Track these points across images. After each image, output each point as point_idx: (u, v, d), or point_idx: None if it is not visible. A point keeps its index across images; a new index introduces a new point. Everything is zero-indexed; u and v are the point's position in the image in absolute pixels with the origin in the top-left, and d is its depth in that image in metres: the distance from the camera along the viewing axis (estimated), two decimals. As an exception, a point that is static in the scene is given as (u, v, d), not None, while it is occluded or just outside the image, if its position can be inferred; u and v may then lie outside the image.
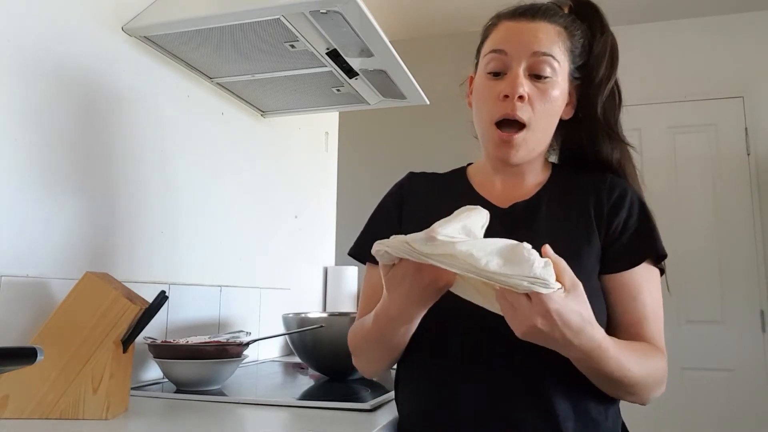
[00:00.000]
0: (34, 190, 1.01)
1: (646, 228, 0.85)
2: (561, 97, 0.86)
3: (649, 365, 0.77)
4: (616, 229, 0.84)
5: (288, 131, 1.95)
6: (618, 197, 0.86)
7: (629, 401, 0.80)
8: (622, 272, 0.82)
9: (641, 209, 0.86)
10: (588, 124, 0.91)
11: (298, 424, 0.87)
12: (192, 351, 1.09)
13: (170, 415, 0.92)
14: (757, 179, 2.54)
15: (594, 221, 0.85)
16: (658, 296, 0.84)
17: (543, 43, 0.83)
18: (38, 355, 0.61)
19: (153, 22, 1.21)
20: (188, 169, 1.42)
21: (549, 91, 0.83)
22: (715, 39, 2.66)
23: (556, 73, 0.84)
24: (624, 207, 0.85)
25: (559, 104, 0.86)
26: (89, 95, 1.13)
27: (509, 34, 0.86)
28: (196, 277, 1.44)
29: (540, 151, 0.89)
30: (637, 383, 0.75)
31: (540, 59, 0.83)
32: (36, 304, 0.98)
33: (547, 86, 0.83)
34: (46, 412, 0.83)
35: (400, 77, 1.49)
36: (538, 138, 0.86)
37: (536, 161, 0.91)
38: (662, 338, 0.82)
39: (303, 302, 2.02)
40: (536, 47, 0.83)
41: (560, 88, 0.85)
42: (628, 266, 0.82)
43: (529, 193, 0.89)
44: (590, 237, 0.83)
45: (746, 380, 2.45)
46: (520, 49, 0.83)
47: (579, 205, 0.86)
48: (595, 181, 0.88)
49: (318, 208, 2.23)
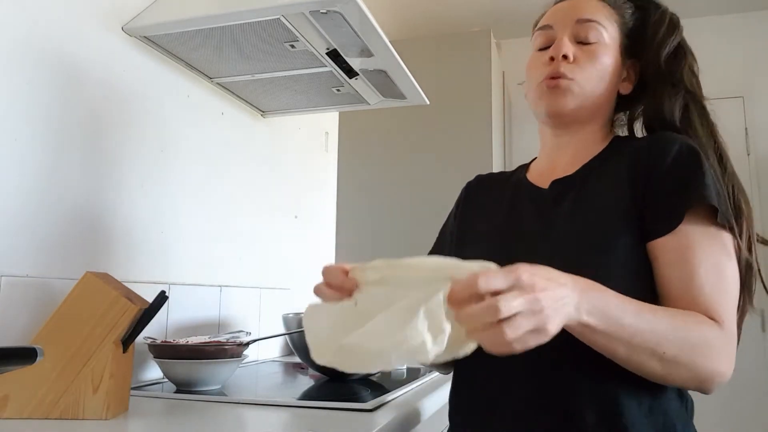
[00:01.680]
0: (34, 190, 1.01)
1: (690, 178, 0.73)
2: (612, 64, 0.84)
3: (684, 327, 0.66)
4: (654, 186, 0.74)
5: (288, 131, 1.95)
6: (659, 150, 0.76)
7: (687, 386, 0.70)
8: (666, 236, 0.72)
9: (687, 159, 0.74)
10: (653, 84, 0.86)
11: (298, 424, 0.87)
12: (192, 351, 1.09)
13: (170, 415, 0.92)
14: (757, 179, 2.54)
15: (630, 187, 0.76)
16: (722, 264, 0.71)
17: (586, 11, 0.84)
18: (38, 355, 0.61)
19: (153, 22, 1.21)
20: (188, 168, 1.42)
21: (596, 52, 0.83)
22: (715, 39, 2.66)
23: (602, 38, 0.83)
24: (663, 160, 0.75)
25: (609, 70, 0.84)
26: (89, 95, 1.13)
27: (554, 12, 0.88)
28: (196, 277, 1.43)
29: (591, 112, 0.85)
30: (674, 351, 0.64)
31: (584, 25, 0.83)
32: (36, 304, 0.98)
33: (593, 48, 0.83)
34: (46, 412, 0.83)
35: (400, 77, 1.49)
36: (586, 92, 0.83)
37: (588, 131, 0.87)
38: (725, 311, 0.69)
39: (303, 302, 2.02)
40: (579, 15, 0.84)
41: (609, 54, 0.84)
42: (668, 228, 0.72)
43: (575, 169, 0.85)
44: (622, 209, 0.75)
45: (746, 380, 2.45)
46: (564, 19, 0.85)
47: (620, 175, 0.79)
48: (645, 141, 0.81)
49: (318, 208, 2.23)
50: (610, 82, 0.85)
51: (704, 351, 0.66)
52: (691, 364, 0.66)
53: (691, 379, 0.67)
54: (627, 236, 0.74)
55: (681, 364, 0.66)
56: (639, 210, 0.75)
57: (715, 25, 2.67)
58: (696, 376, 0.67)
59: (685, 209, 0.71)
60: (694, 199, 0.71)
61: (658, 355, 0.65)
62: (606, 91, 0.85)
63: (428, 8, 2.49)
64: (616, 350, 0.65)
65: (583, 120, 0.86)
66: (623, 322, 0.63)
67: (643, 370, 0.67)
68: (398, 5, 2.46)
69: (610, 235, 0.74)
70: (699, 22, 2.69)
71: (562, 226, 0.79)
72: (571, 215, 0.79)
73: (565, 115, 0.85)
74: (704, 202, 0.71)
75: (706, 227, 0.72)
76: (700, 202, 0.71)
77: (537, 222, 0.83)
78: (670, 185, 0.74)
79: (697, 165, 0.74)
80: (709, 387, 0.68)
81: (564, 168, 0.87)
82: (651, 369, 0.66)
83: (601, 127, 0.89)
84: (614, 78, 0.86)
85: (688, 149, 0.76)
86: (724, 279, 0.71)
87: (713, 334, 0.67)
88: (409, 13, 2.51)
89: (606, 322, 0.62)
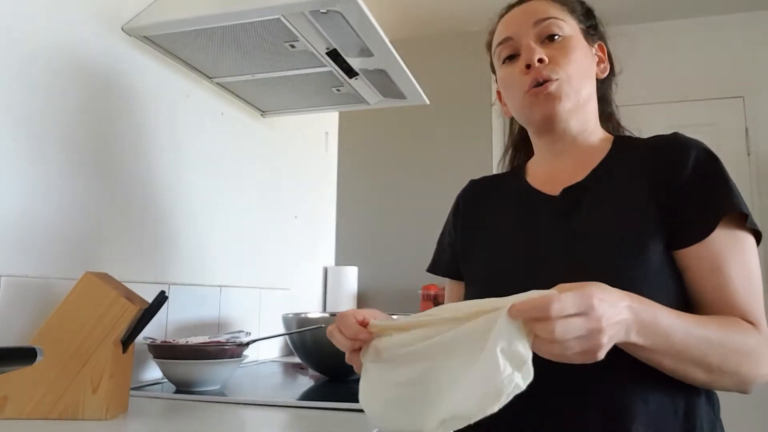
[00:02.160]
0: (34, 190, 1.01)
1: (715, 186, 0.73)
2: (584, 53, 0.85)
3: (728, 337, 0.67)
4: (679, 194, 0.74)
5: (288, 131, 1.95)
6: (677, 157, 0.76)
7: (728, 389, 0.71)
8: (697, 244, 0.72)
9: (708, 165, 0.75)
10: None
11: (298, 424, 0.87)
12: (192, 351, 1.09)
13: (170, 415, 0.92)
14: (757, 179, 2.54)
15: (650, 193, 0.76)
16: (751, 267, 0.72)
17: (540, 12, 0.85)
18: (38, 356, 0.60)
19: (153, 22, 1.21)
20: (188, 169, 1.42)
21: (566, 45, 0.83)
22: (715, 39, 2.65)
23: (565, 30, 0.84)
24: (685, 166, 0.75)
25: (585, 61, 0.85)
26: (89, 95, 1.13)
27: (508, 22, 0.89)
28: (196, 277, 1.43)
29: (584, 112, 0.85)
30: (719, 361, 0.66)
31: (543, 24, 0.84)
32: (36, 304, 0.98)
33: (563, 43, 0.84)
34: (45, 412, 0.83)
35: (400, 77, 1.49)
36: (576, 87, 0.82)
37: (585, 133, 0.86)
38: (760, 313, 0.71)
39: (303, 302, 2.01)
40: (535, 17, 0.85)
41: (579, 44, 0.85)
42: (699, 236, 0.72)
43: (583, 174, 0.84)
44: (646, 214, 0.75)
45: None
46: (521, 27, 0.85)
47: (634, 179, 0.78)
48: (655, 144, 0.80)
49: (318, 208, 2.23)
50: (588, 73, 0.86)
51: (747, 358, 0.68)
52: (735, 371, 0.67)
53: (734, 384, 0.69)
54: (657, 242, 0.74)
55: (726, 372, 0.67)
56: (664, 218, 0.75)
57: (716, 25, 2.66)
58: (739, 381, 0.68)
59: (718, 218, 0.72)
60: (725, 209, 0.72)
61: (704, 366, 0.66)
62: (588, 82, 0.86)
63: (428, 8, 2.49)
64: (662, 362, 0.66)
65: (579, 117, 0.85)
66: (672, 339, 0.64)
67: (688, 378, 0.68)
68: (398, 5, 2.46)
69: (641, 241, 0.74)
70: (699, 22, 2.69)
71: (585, 237, 0.78)
72: (595, 223, 0.78)
73: (563, 118, 0.83)
74: (735, 210, 0.72)
75: (735, 232, 0.73)
76: (732, 210, 0.72)
77: (556, 232, 0.81)
78: (698, 194, 0.74)
79: (719, 171, 0.75)
80: (750, 388, 0.70)
81: (570, 174, 0.85)
82: (696, 377, 0.67)
83: (594, 124, 0.89)
84: (592, 64, 0.87)
85: (706, 155, 0.76)
86: (755, 282, 0.72)
87: (753, 339, 0.69)
88: (409, 13, 2.51)
89: (654, 340, 0.63)
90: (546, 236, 0.81)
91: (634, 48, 2.70)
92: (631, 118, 0.97)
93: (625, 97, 1.02)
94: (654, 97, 2.60)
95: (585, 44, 0.86)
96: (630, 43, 3.16)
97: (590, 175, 0.83)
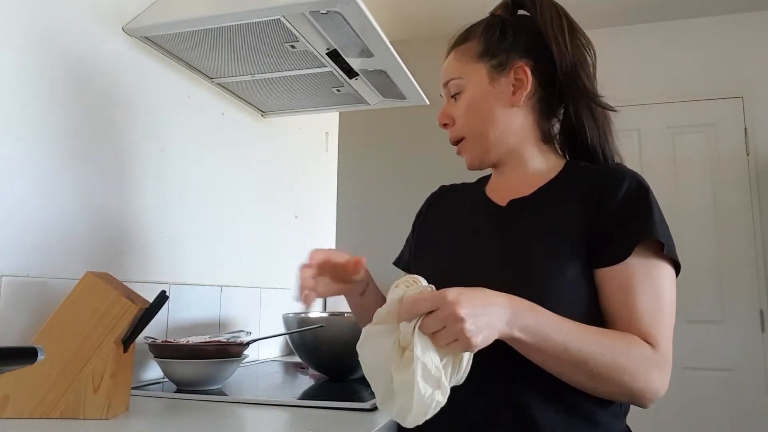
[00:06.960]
0: (34, 190, 1.01)
1: (639, 214, 0.78)
2: (486, 97, 0.89)
3: (613, 348, 0.72)
4: (604, 219, 0.79)
5: (288, 131, 1.95)
6: (610, 184, 0.81)
7: (618, 399, 0.76)
8: (614, 266, 0.77)
9: (637, 194, 0.80)
10: (566, 90, 0.89)
11: (298, 424, 0.87)
12: (192, 351, 1.10)
13: (170, 415, 0.92)
14: (757, 179, 2.54)
15: (582, 214, 0.81)
16: (661, 292, 0.76)
17: (447, 73, 0.94)
18: (39, 355, 0.61)
19: (153, 22, 1.21)
20: (188, 169, 1.42)
21: (462, 102, 0.91)
22: (715, 39, 2.66)
23: (462, 85, 0.91)
24: (616, 194, 0.80)
25: (486, 104, 0.89)
26: (89, 95, 1.13)
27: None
28: (196, 277, 1.44)
29: (499, 149, 0.90)
30: (600, 368, 0.71)
31: (448, 86, 0.94)
32: (36, 304, 0.98)
33: (462, 101, 0.91)
34: (46, 411, 0.83)
35: (400, 77, 1.49)
36: (480, 141, 0.90)
37: (522, 159, 0.91)
38: (660, 334, 0.75)
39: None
40: (444, 78, 0.94)
41: (478, 93, 0.90)
42: (616, 259, 0.77)
43: (532, 190, 0.89)
44: (574, 233, 0.80)
45: (746, 380, 2.45)
46: (442, 89, 0.96)
47: (572, 201, 0.83)
48: (600, 172, 0.85)
49: (318, 208, 2.23)
50: (497, 107, 0.89)
51: (632, 370, 0.72)
52: (618, 382, 0.72)
53: (618, 394, 0.74)
54: (577, 260, 0.79)
55: (608, 381, 0.72)
56: (588, 238, 0.79)
57: (715, 25, 2.67)
58: (623, 392, 0.73)
59: (634, 244, 0.77)
60: (642, 235, 0.77)
61: (585, 371, 0.72)
62: (491, 123, 0.89)
63: (428, 8, 2.49)
64: (545, 362, 0.73)
65: (500, 151, 0.91)
66: (553, 339, 0.70)
67: (572, 381, 0.74)
68: (398, 5, 2.46)
69: (561, 259, 0.79)
70: (699, 22, 2.69)
71: (517, 246, 0.83)
72: (526, 236, 0.83)
73: (484, 161, 0.93)
74: (652, 237, 0.76)
75: (650, 259, 0.77)
76: (649, 238, 0.77)
77: (492, 238, 0.87)
78: (621, 220, 0.78)
79: (646, 201, 0.79)
80: (641, 402, 0.74)
81: (519, 188, 0.90)
82: (579, 382, 0.74)
83: (534, 148, 0.91)
84: (502, 99, 0.88)
85: (638, 185, 0.81)
86: (665, 306, 0.77)
87: (645, 355, 0.73)
88: (409, 13, 2.51)
89: (535, 338, 0.70)
90: (485, 243, 0.87)
91: (634, 48, 2.71)
92: (630, 119, 0.97)
93: (625, 97, 1.02)
94: (653, 97, 2.60)
95: (488, 88, 0.89)
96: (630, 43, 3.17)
97: (536, 192, 0.88)
